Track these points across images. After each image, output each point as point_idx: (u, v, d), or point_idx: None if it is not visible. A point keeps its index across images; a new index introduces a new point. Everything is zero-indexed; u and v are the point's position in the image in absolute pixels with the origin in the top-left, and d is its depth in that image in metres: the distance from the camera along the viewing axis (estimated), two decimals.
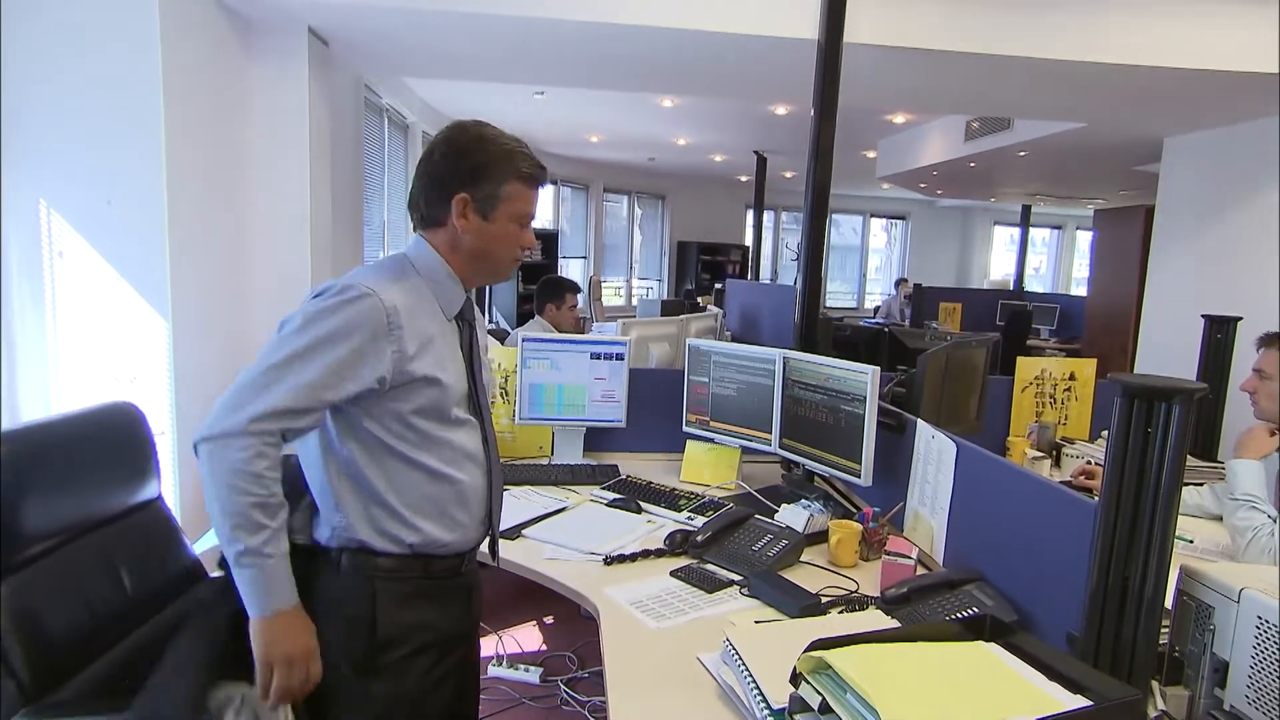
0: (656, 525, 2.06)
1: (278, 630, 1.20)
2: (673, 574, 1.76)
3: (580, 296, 4.12)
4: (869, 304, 12.66)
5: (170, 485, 2.48)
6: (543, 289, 3.81)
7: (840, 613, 1.60)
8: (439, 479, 1.33)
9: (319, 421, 1.25)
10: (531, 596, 1.61)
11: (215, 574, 1.71)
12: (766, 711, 1.14)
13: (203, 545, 2.08)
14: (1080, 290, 11.12)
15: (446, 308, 1.36)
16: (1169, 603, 1.18)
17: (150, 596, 1.55)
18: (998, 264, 13.40)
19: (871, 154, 8.20)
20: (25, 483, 1.33)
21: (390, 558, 1.31)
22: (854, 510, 2.15)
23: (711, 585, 1.70)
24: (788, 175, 9.75)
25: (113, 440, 1.57)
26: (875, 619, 1.53)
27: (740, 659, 1.25)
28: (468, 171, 1.32)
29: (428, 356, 1.29)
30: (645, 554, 1.86)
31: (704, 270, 11.15)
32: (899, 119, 6.71)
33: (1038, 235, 13.05)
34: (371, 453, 1.29)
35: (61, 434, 1.47)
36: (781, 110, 5.98)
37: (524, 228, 1.39)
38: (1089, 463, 2.66)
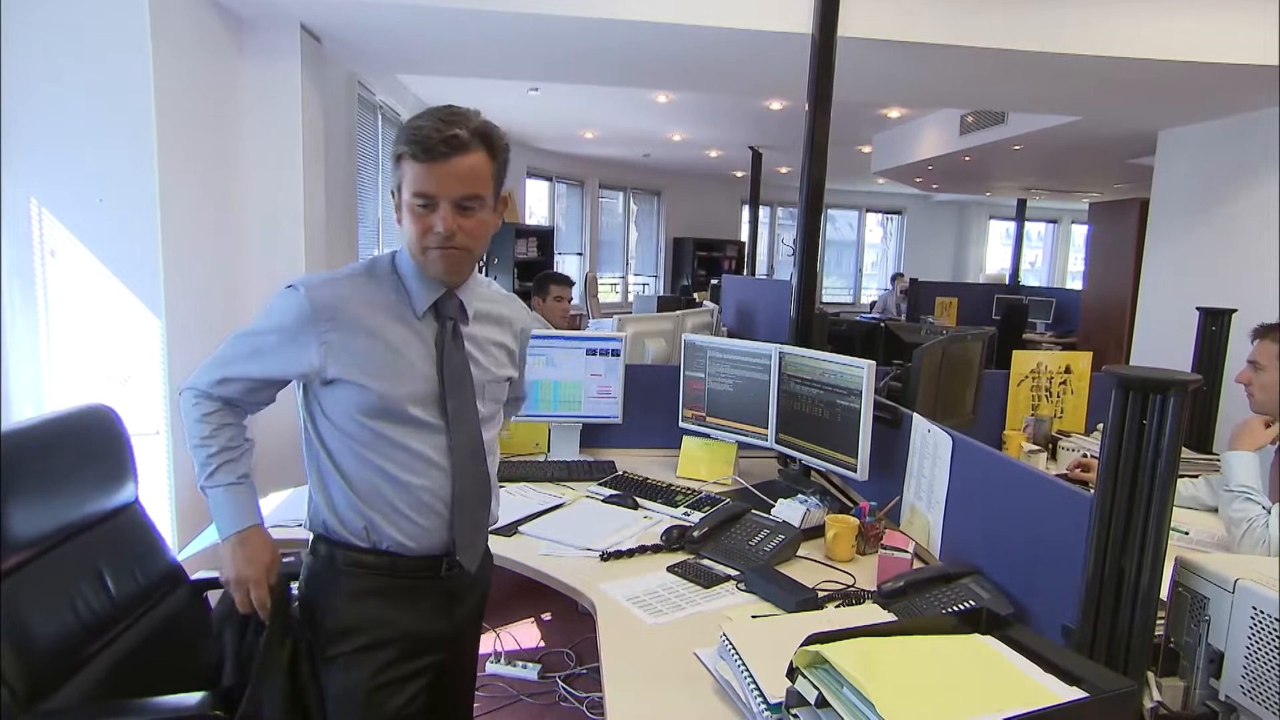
0: (653, 521, 2.06)
1: (227, 553, 1.36)
2: (669, 569, 1.76)
3: (575, 290, 4.16)
4: (865, 299, 12.67)
5: (166, 484, 2.48)
6: (533, 284, 3.88)
7: (837, 607, 1.60)
8: (390, 479, 1.31)
9: (255, 392, 1.36)
10: (529, 593, 1.61)
11: (197, 576, 1.71)
12: (763, 706, 1.14)
13: (193, 549, 2.07)
14: (1075, 284, 11.15)
15: (416, 304, 1.33)
16: (1164, 594, 1.19)
17: (134, 602, 1.54)
18: (993, 258, 13.42)
19: (866, 149, 8.20)
20: (5, 489, 1.31)
21: (355, 551, 1.33)
22: (850, 505, 2.15)
23: (708, 580, 1.70)
24: (783, 170, 9.75)
25: (90, 444, 1.54)
26: (872, 613, 1.53)
27: (737, 654, 1.25)
28: (393, 166, 1.32)
29: (361, 355, 1.28)
30: (642, 550, 1.86)
31: (700, 266, 11.14)
32: (894, 113, 6.70)
33: (1033, 229, 13.06)
34: (330, 445, 1.33)
35: (37, 438, 1.45)
36: (776, 105, 5.97)
37: (426, 210, 1.24)
38: (1085, 455, 2.66)
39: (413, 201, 1.24)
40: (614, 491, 2.25)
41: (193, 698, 1.33)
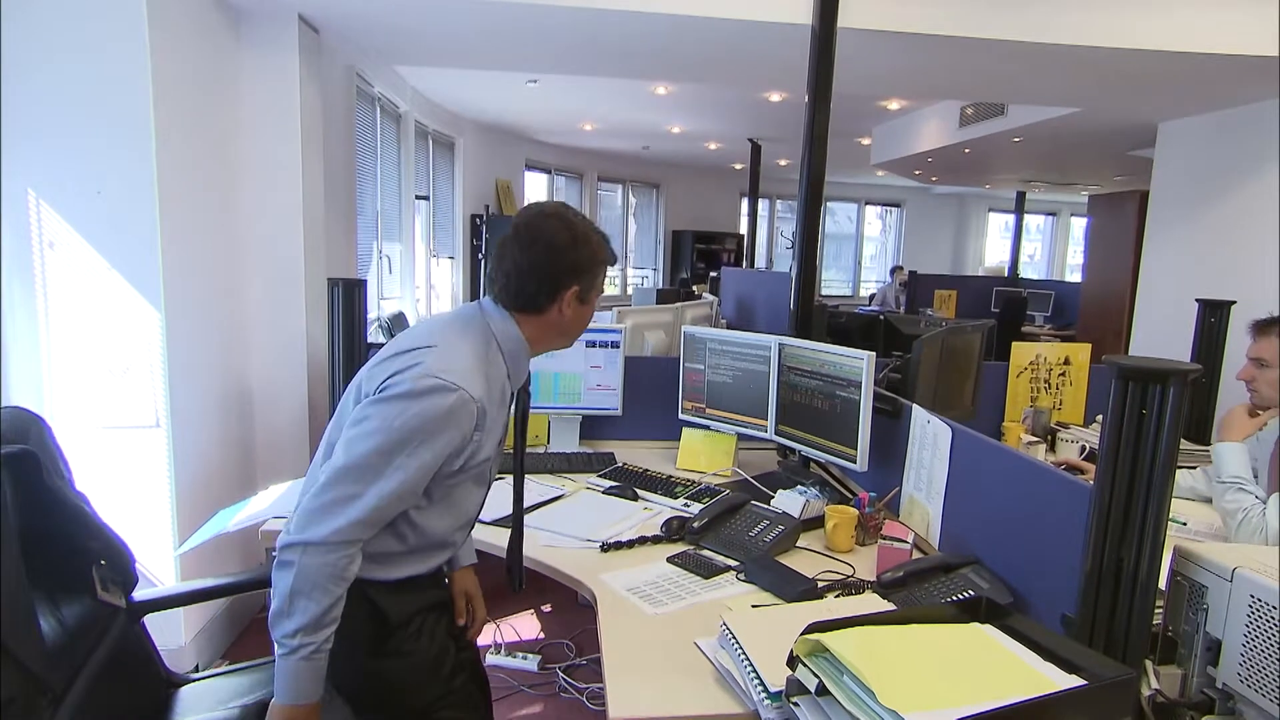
0: (653, 512, 2.07)
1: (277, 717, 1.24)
2: (669, 560, 1.77)
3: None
4: (864, 292, 12.67)
5: (166, 478, 2.48)
6: None
7: (837, 597, 1.61)
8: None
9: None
10: (528, 584, 1.63)
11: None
12: (764, 694, 1.14)
13: (192, 543, 2.08)
14: (1075, 277, 11.17)
15: (515, 382, 1.44)
16: (1163, 584, 1.19)
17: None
18: (992, 251, 13.41)
19: (866, 141, 8.18)
20: None
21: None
22: (850, 495, 2.15)
23: (708, 571, 1.71)
24: (782, 163, 9.72)
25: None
26: (871, 603, 1.54)
27: (737, 643, 1.26)
28: (580, 265, 1.39)
29: (489, 443, 1.38)
30: (642, 541, 1.87)
31: (699, 258, 11.13)
32: (893, 105, 6.69)
33: (1032, 222, 13.04)
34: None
35: None
36: (776, 97, 5.95)
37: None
38: (1083, 449, 2.67)
39: (596, 301, 1.45)
40: (614, 483, 2.26)
41: None
